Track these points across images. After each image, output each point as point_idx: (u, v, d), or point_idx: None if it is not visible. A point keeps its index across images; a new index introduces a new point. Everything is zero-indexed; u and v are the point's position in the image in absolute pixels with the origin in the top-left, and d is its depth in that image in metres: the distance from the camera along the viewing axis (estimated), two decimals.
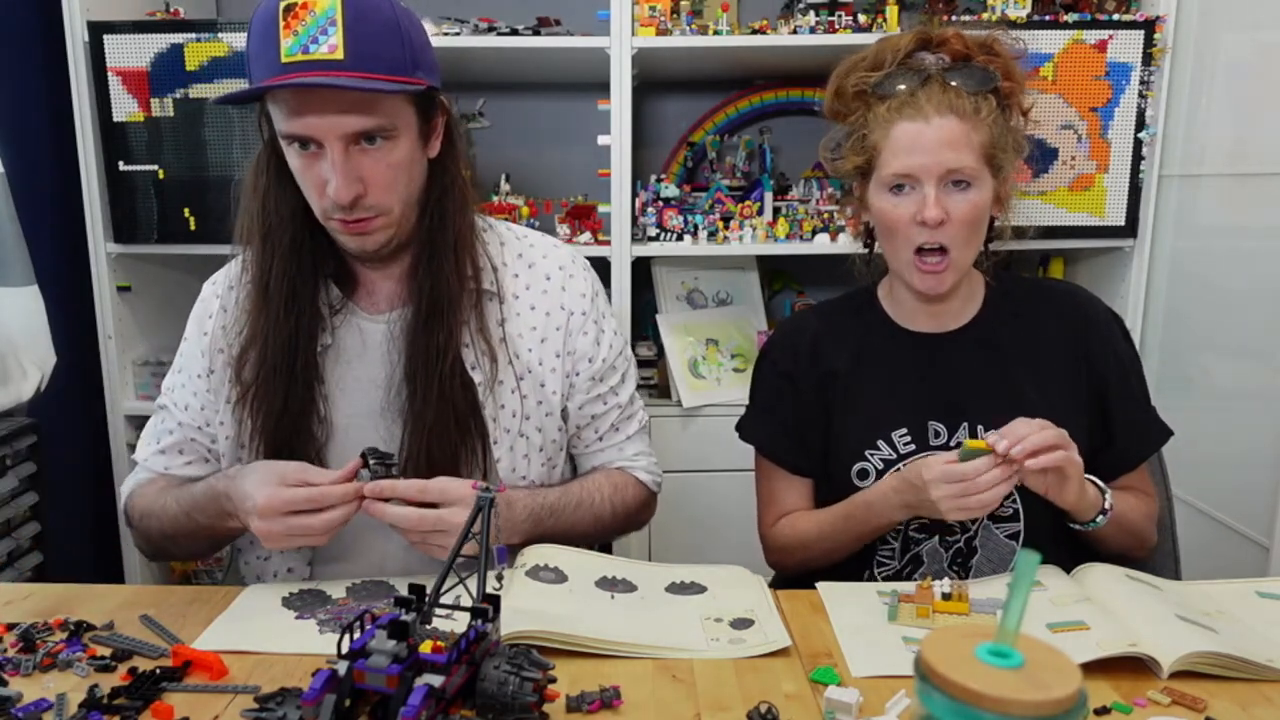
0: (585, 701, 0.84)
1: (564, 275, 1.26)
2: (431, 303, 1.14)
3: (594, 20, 2.02)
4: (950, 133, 1.14)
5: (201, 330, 1.24)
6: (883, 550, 1.26)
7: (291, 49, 1.01)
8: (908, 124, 1.15)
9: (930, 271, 1.18)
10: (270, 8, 1.02)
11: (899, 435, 1.23)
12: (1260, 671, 0.90)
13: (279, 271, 1.13)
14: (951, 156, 1.14)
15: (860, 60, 1.23)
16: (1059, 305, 1.27)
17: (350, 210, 1.07)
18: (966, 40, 1.20)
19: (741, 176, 2.36)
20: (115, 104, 2.02)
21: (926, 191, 1.14)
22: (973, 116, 1.15)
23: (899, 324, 1.29)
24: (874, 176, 1.20)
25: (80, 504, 2.23)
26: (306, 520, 1.02)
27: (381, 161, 1.07)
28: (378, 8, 1.04)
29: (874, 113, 1.19)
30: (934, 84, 1.17)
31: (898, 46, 1.20)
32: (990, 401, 1.22)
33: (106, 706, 0.84)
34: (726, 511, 2.08)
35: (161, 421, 1.26)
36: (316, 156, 1.06)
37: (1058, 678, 0.59)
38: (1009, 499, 1.21)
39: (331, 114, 1.02)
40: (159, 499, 1.19)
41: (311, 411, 1.16)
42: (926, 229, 1.15)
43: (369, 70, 1.02)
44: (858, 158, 1.21)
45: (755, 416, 1.36)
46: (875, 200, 1.20)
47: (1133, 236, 2.09)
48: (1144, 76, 2.00)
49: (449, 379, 1.14)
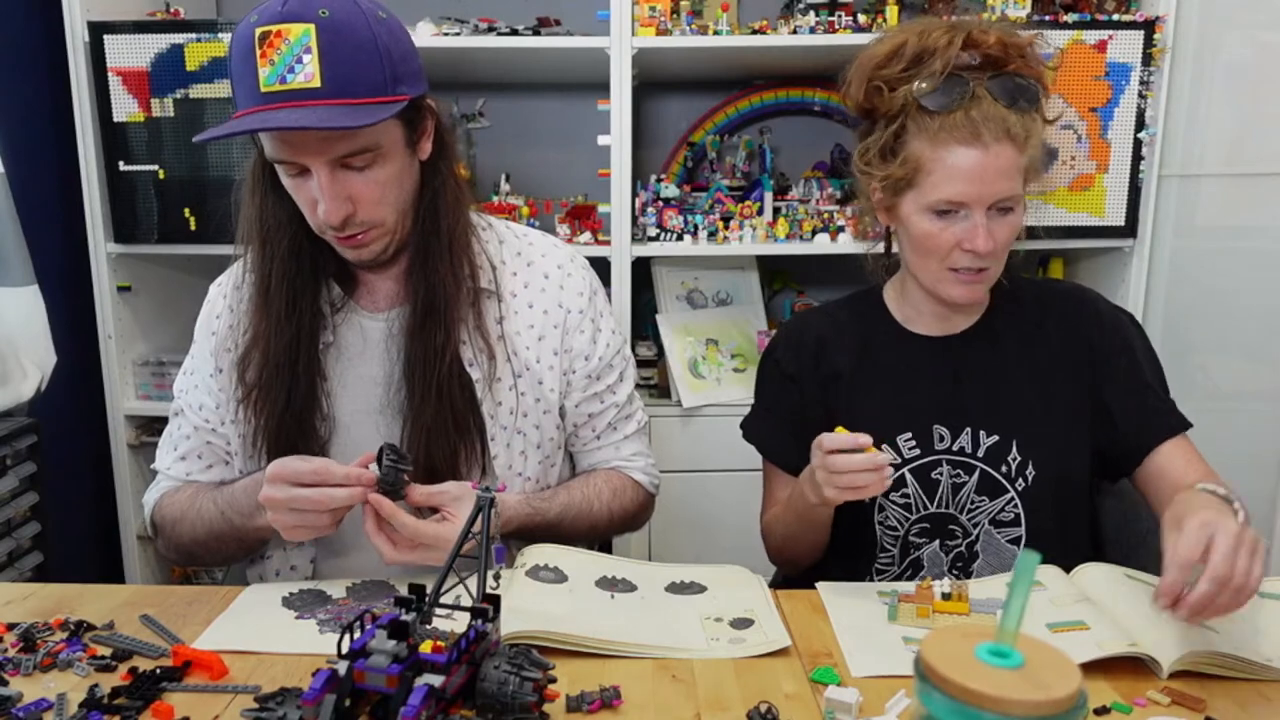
0: (585, 701, 0.84)
1: (562, 274, 1.26)
2: (428, 303, 1.15)
3: (594, 20, 2.02)
4: (1007, 161, 1.09)
5: (209, 331, 1.25)
6: (882, 557, 1.26)
7: (269, 79, 1.00)
8: (965, 150, 1.08)
9: (971, 282, 1.15)
10: (246, 34, 1.01)
11: (904, 439, 1.23)
12: (1260, 671, 0.90)
13: (279, 275, 1.14)
14: (1005, 186, 1.09)
15: (894, 53, 1.13)
16: (1065, 307, 1.25)
17: (342, 229, 1.08)
18: (1008, 44, 1.12)
19: (741, 176, 2.36)
20: (115, 104, 2.02)
21: (976, 220, 1.10)
22: (1024, 141, 1.10)
23: (904, 326, 1.28)
24: (913, 193, 1.14)
25: (80, 504, 2.23)
26: (307, 492, 1.02)
27: (370, 180, 1.07)
28: (352, 29, 1.01)
29: (918, 123, 1.11)
30: (986, 102, 1.09)
31: (936, 46, 1.10)
32: (993, 405, 1.21)
33: (106, 706, 0.84)
34: (726, 511, 2.08)
35: (178, 428, 1.26)
36: (306, 178, 1.06)
37: (1058, 678, 0.59)
38: (1009, 503, 1.21)
39: (316, 146, 1.03)
40: (194, 503, 1.19)
41: (315, 408, 1.17)
42: (971, 255, 1.11)
43: (348, 96, 1.01)
44: (899, 171, 1.13)
45: (758, 416, 1.35)
46: (914, 217, 1.14)
47: (1132, 236, 2.09)
48: (1144, 76, 2.00)
49: (447, 378, 1.15)
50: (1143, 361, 1.23)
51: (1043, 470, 1.20)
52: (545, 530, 1.20)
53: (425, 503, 1.07)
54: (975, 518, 1.23)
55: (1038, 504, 1.21)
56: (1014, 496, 1.21)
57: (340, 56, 1.01)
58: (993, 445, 1.21)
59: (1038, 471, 1.20)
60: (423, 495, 1.07)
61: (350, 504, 1.04)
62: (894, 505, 1.24)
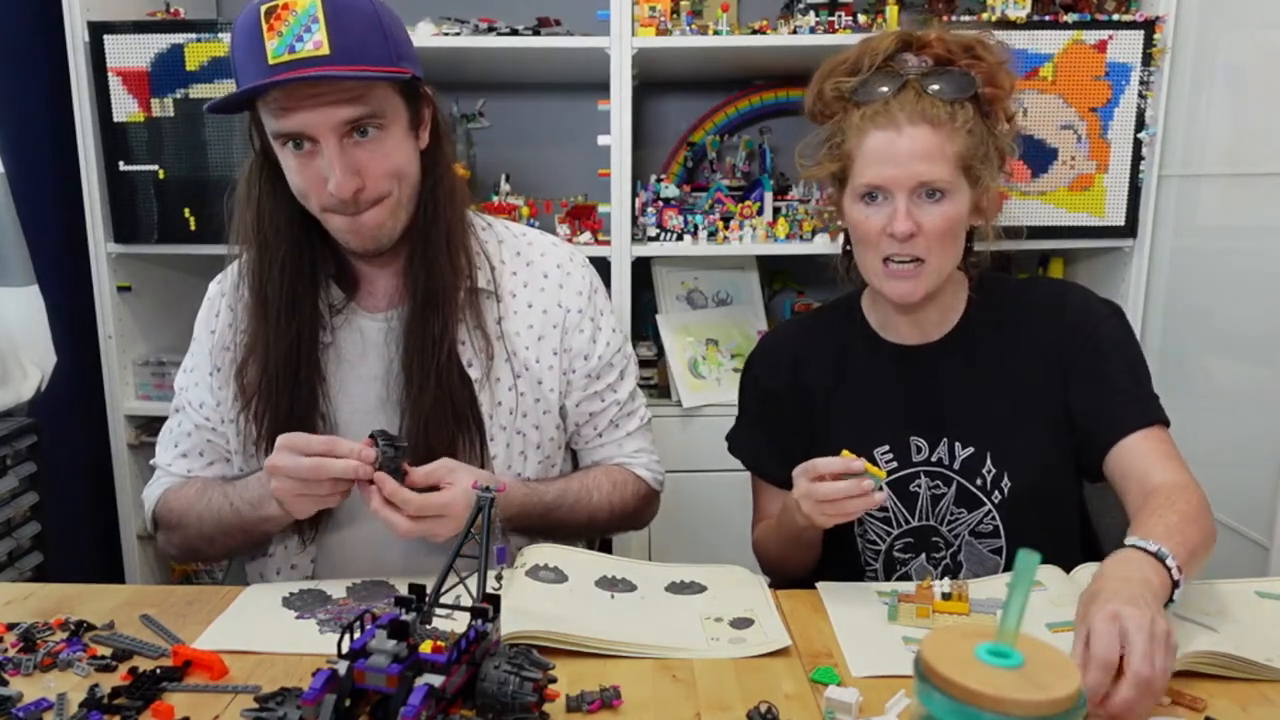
0: (585, 701, 0.84)
1: (561, 273, 1.27)
2: (426, 295, 1.16)
3: (594, 20, 2.02)
4: (923, 143, 1.10)
5: (209, 329, 1.25)
6: (867, 571, 1.26)
7: (278, 50, 1.02)
8: (880, 133, 1.11)
9: (901, 277, 1.14)
10: (251, 14, 1.04)
11: (881, 452, 1.22)
12: (1260, 671, 0.90)
13: (277, 280, 1.14)
14: (923, 168, 1.10)
15: (840, 62, 1.18)
16: (1040, 311, 1.22)
17: (353, 202, 1.08)
18: (949, 43, 1.15)
19: (741, 176, 2.36)
20: (115, 104, 2.02)
21: (897, 203, 1.11)
22: (948, 125, 1.10)
23: (880, 335, 1.27)
24: (848, 185, 1.17)
25: (80, 504, 2.23)
26: (308, 460, 1.02)
27: (376, 152, 1.09)
28: (356, 3, 1.06)
29: (849, 119, 1.15)
30: (909, 91, 1.12)
31: (878, 49, 1.15)
32: (968, 417, 1.20)
33: (107, 706, 0.84)
34: (726, 511, 2.07)
35: (179, 425, 1.27)
36: (312, 155, 1.07)
37: (1058, 678, 0.59)
38: (987, 515, 1.20)
39: (323, 107, 1.04)
40: (202, 496, 1.20)
41: (315, 410, 1.17)
42: (896, 241, 1.12)
43: (356, 62, 1.03)
44: (832, 164, 1.18)
45: (742, 431, 1.36)
46: (849, 209, 1.18)
47: (1132, 236, 2.09)
48: (1144, 76, 2.00)
49: (446, 369, 1.16)
50: (1109, 353, 1.18)
51: (1019, 482, 1.19)
52: (542, 516, 1.20)
53: (424, 481, 1.07)
54: (956, 529, 1.22)
55: (1016, 515, 1.20)
56: (991, 509, 1.20)
57: (346, 26, 1.03)
58: (968, 457, 1.20)
59: (1013, 483, 1.19)
60: (421, 475, 1.07)
61: (348, 476, 1.03)
62: (874, 521, 1.24)
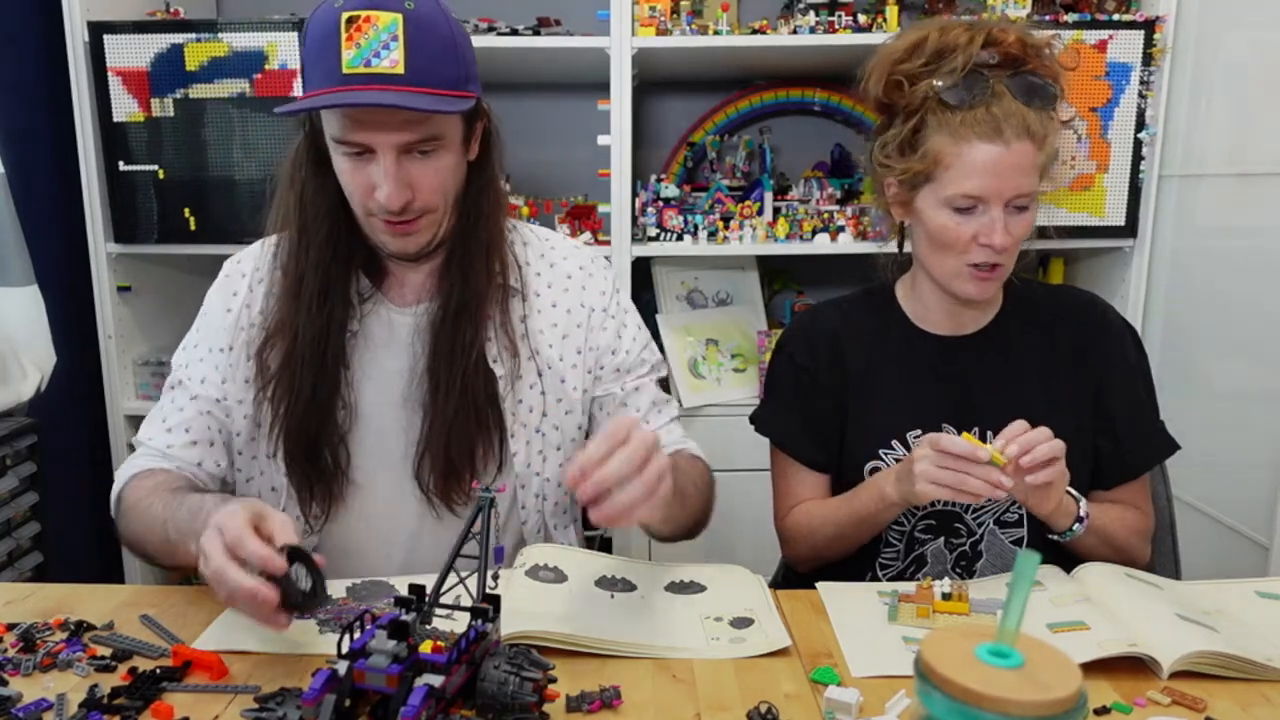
0: (585, 701, 0.84)
1: (584, 275, 1.28)
2: (461, 300, 1.16)
3: (594, 20, 2.02)
4: (1026, 158, 1.10)
5: (225, 307, 1.23)
6: (886, 552, 1.26)
7: (353, 61, 1.03)
8: (986, 145, 1.10)
9: (982, 279, 1.16)
10: (330, 17, 1.03)
11: (913, 436, 1.23)
12: (1260, 671, 0.90)
13: (314, 264, 1.14)
14: (1023, 182, 1.11)
15: (915, 48, 1.14)
16: (1075, 314, 1.26)
17: (400, 214, 1.09)
18: (1026, 43, 1.14)
19: (741, 176, 2.36)
20: (115, 104, 2.02)
21: (994, 215, 1.11)
22: (1042, 138, 1.12)
23: (917, 324, 1.28)
24: (931, 187, 1.15)
25: (80, 504, 2.22)
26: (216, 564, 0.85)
27: (430, 168, 1.10)
28: (436, 24, 1.06)
29: (938, 118, 1.13)
30: (1006, 99, 1.11)
31: (957, 43, 1.12)
32: (1000, 407, 1.21)
33: (106, 706, 0.84)
34: (727, 511, 2.07)
35: (172, 400, 1.23)
36: (366, 161, 1.08)
37: (1058, 678, 0.59)
38: (1013, 504, 1.21)
39: (390, 129, 1.05)
40: (148, 497, 1.13)
41: (337, 398, 1.17)
42: (990, 250, 1.12)
43: (427, 85, 1.04)
44: (918, 165, 1.15)
45: (772, 409, 1.34)
46: (931, 212, 1.16)
47: (1132, 237, 2.09)
48: (1144, 76, 2.00)
49: (472, 375, 1.16)
50: (1144, 382, 1.26)
51: None
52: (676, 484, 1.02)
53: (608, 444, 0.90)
54: (980, 517, 1.23)
55: None
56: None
57: (423, 47, 1.04)
58: None
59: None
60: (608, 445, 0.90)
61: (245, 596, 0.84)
62: None
